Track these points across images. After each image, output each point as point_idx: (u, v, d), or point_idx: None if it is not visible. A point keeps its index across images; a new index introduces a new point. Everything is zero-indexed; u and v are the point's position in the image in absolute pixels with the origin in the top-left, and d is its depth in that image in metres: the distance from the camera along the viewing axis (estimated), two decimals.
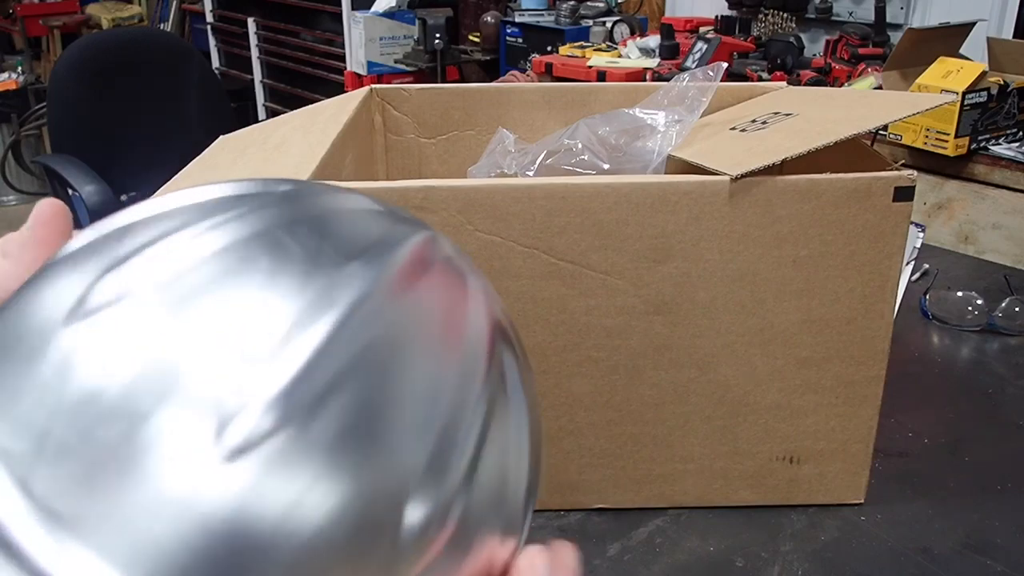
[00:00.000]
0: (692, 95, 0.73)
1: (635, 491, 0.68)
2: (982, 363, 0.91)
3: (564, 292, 0.61)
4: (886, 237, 0.60)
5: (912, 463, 0.75)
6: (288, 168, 0.62)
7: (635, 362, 0.63)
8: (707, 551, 0.65)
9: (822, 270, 0.61)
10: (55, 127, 2.21)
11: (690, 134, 0.71)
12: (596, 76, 2.17)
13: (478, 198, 0.58)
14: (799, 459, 0.67)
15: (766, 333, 0.63)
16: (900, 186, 0.58)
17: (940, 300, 0.99)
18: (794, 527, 0.67)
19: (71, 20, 4.31)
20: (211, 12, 3.98)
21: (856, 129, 0.59)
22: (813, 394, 0.65)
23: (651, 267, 0.60)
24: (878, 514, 0.68)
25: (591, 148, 0.70)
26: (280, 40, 3.63)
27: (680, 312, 0.62)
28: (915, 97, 0.71)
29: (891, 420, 0.79)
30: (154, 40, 2.55)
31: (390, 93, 0.85)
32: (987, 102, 1.66)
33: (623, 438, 0.66)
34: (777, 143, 0.62)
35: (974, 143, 1.68)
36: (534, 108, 0.85)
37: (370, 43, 3.00)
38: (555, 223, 0.59)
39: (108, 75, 2.24)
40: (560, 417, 0.65)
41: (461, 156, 0.85)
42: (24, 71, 4.07)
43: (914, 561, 0.64)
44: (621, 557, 0.64)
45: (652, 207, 0.59)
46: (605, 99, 0.83)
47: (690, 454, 0.67)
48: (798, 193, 0.58)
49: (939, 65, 1.68)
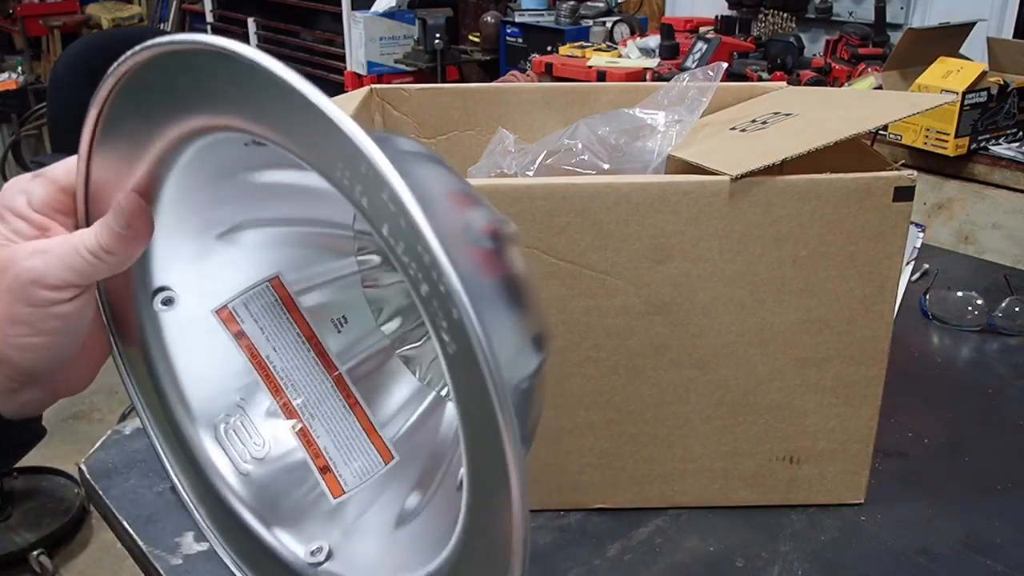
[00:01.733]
0: (692, 95, 0.73)
1: (635, 491, 0.68)
2: (982, 363, 0.91)
3: (564, 292, 0.61)
4: (886, 237, 0.60)
5: (912, 463, 0.75)
6: None
7: (635, 362, 0.63)
8: (707, 551, 0.65)
9: (822, 270, 0.61)
10: (55, 127, 2.21)
11: (690, 134, 0.71)
12: (596, 76, 2.17)
13: None
14: (799, 459, 0.67)
15: (766, 333, 0.63)
16: (900, 186, 0.58)
17: (940, 300, 0.99)
18: (794, 527, 0.67)
19: (71, 20, 4.31)
20: (211, 12, 3.99)
21: (856, 129, 0.59)
22: (813, 394, 0.65)
23: (651, 267, 0.60)
24: (878, 514, 0.68)
25: (591, 148, 0.70)
26: (280, 40, 3.63)
27: (680, 312, 0.62)
28: (915, 97, 0.71)
29: (891, 420, 0.79)
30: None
31: (390, 93, 0.85)
32: (987, 102, 1.66)
33: (623, 438, 0.66)
34: (777, 143, 0.62)
35: (974, 143, 1.68)
36: (534, 108, 0.85)
37: (370, 43, 3.00)
38: (555, 223, 0.59)
39: None
40: (560, 417, 0.65)
41: (461, 156, 0.85)
42: (24, 71, 4.07)
43: (914, 561, 0.64)
44: (621, 557, 0.64)
45: (652, 207, 0.59)
46: (605, 99, 0.83)
47: (690, 454, 0.67)
48: (798, 193, 0.58)
49: (939, 65, 1.68)
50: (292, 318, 0.46)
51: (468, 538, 0.35)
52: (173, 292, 0.44)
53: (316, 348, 0.47)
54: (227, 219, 0.44)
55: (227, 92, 0.34)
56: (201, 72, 0.34)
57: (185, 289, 0.44)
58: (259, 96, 0.33)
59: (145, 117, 0.38)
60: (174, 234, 0.42)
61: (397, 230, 0.30)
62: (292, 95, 0.31)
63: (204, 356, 0.45)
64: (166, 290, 0.44)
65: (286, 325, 0.46)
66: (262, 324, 0.45)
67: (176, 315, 0.44)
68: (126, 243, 0.39)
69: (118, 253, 0.39)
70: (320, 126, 0.31)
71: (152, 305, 0.44)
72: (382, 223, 0.31)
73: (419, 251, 0.30)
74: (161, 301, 0.44)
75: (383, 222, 0.31)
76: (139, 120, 0.38)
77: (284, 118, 0.33)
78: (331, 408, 0.46)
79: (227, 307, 0.45)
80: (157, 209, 0.41)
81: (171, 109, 0.36)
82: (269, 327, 0.46)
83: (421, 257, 0.30)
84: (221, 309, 0.45)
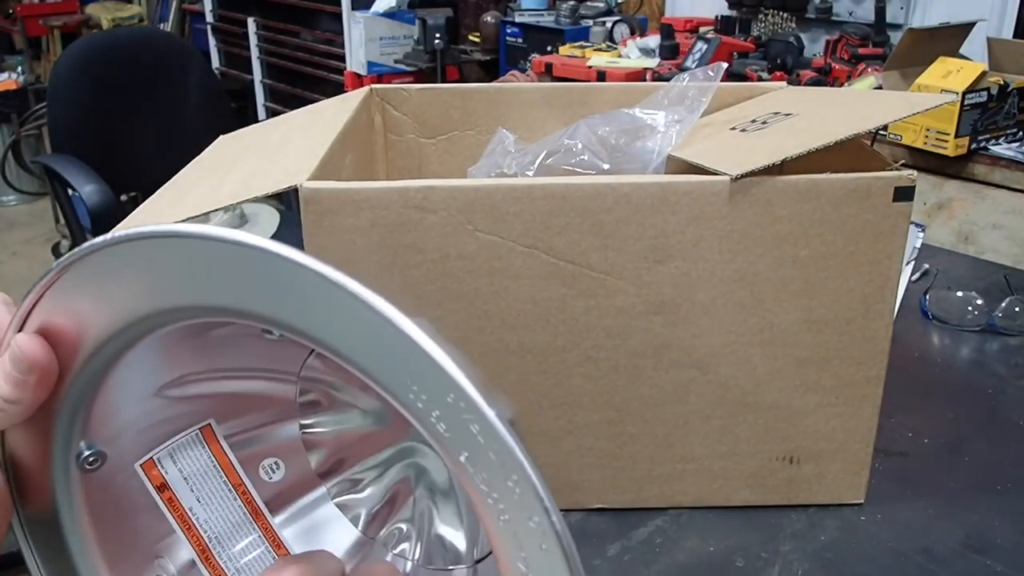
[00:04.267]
0: (692, 95, 0.73)
1: (635, 491, 0.68)
2: (982, 363, 0.91)
3: (564, 292, 0.61)
4: (886, 237, 0.60)
5: (912, 463, 0.75)
6: (288, 168, 0.62)
7: (635, 362, 0.63)
8: (707, 551, 0.65)
9: (822, 270, 0.61)
10: (55, 127, 2.21)
11: (690, 134, 0.71)
12: (596, 76, 2.17)
13: (478, 198, 0.58)
14: (799, 459, 0.67)
15: (766, 333, 0.63)
16: (900, 186, 0.58)
17: (940, 300, 0.99)
18: (794, 527, 0.67)
19: (71, 20, 4.31)
20: (211, 12, 3.98)
21: (856, 129, 0.59)
22: (813, 394, 0.65)
23: (651, 267, 0.60)
24: (878, 514, 0.68)
25: (591, 148, 0.70)
26: (280, 40, 3.63)
27: (680, 312, 0.62)
28: (915, 97, 0.71)
29: (891, 420, 0.79)
30: (154, 40, 2.55)
31: (390, 93, 0.85)
32: (987, 102, 1.66)
33: (623, 438, 0.66)
34: (777, 143, 0.62)
35: (974, 143, 1.68)
36: (534, 108, 0.85)
37: (370, 43, 3.00)
38: (555, 223, 0.59)
39: (108, 75, 2.24)
40: (560, 417, 0.65)
41: (461, 156, 0.85)
42: (24, 71, 4.07)
43: (914, 561, 0.64)
44: (621, 557, 0.64)
45: (652, 207, 0.59)
46: (605, 99, 0.83)
47: (690, 454, 0.67)
48: (798, 193, 0.58)
49: (939, 65, 1.68)
50: (219, 465, 0.44)
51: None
52: (100, 450, 0.39)
53: (244, 497, 0.44)
54: (171, 373, 0.40)
55: (252, 286, 0.31)
56: (219, 265, 0.31)
57: (113, 446, 0.40)
58: (307, 300, 0.30)
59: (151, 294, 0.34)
60: (107, 387, 0.38)
61: (481, 459, 0.29)
62: (359, 306, 0.28)
63: (124, 514, 0.41)
64: (92, 448, 0.39)
65: (212, 474, 0.43)
66: (187, 474, 0.42)
67: (100, 475, 0.40)
68: (28, 390, 0.34)
69: (20, 401, 0.35)
70: (391, 342, 0.28)
71: (73, 465, 0.39)
72: (460, 451, 0.29)
73: (510, 487, 0.29)
74: (86, 461, 0.39)
75: (462, 450, 0.29)
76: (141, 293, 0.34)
77: (340, 327, 0.30)
78: (258, 559, 0.44)
79: (152, 458, 0.41)
80: (107, 374, 0.37)
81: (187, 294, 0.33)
82: (195, 477, 0.43)
83: (512, 493, 0.29)
84: (146, 461, 0.41)
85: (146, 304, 0.33)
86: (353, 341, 0.30)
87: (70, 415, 0.37)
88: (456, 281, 0.60)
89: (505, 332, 0.62)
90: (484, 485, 0.29)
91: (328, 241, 0.59)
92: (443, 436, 0.29)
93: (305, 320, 0.30)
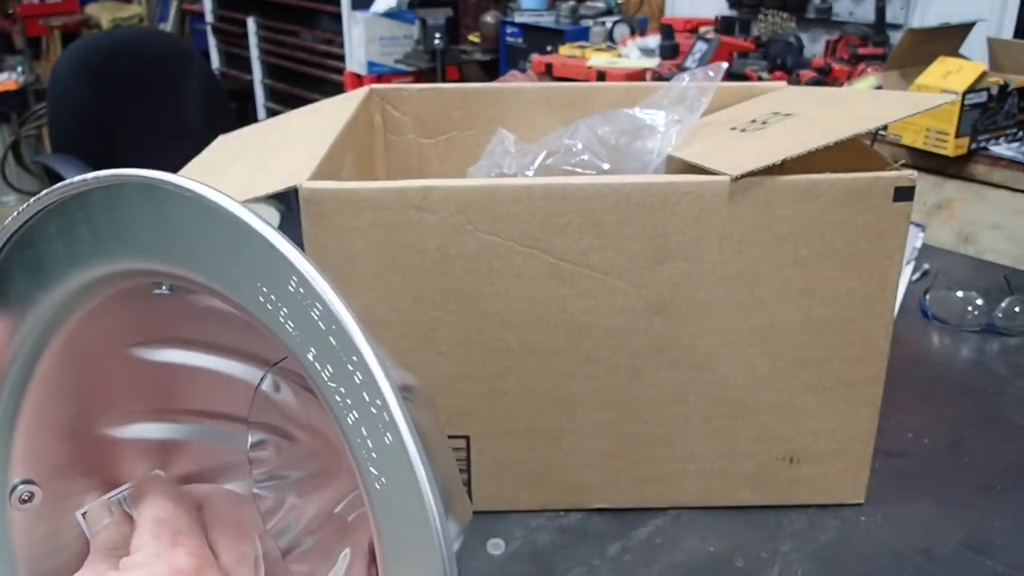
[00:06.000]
0: (692, 95, 0.73)
1: (635, 491, 0.68)
2: (982, 363, 0.91)
3: (564, 292, 0.61)
4: (886, 237, 0.60)
5: (912, 463, 0.75)
6: (287, 168, 0.62)
7: (635, 362, 0.63)
8: (707, 551, 0.65)
9: (822, 270, 0.61)
10: (55, 127, 2.21)
11: (690, 134, 0.71)
12: (596, 76, 2.17)
13: (478, 198, 0.58)
14: (799, 459, 0.67)
15: (766, 333, 0.63)
16: (900, 186, 0.58)
17: (940, 300, 0.99)
18: (794, 527, 0.67)
19: (71, 20, 4.31)
20: (211, 12, 3.98)
21: (856, 129, 0.59)
22: (813, 394, 0.65)
23: (651, 267, 0.60)
24: (878, 514, 0.68)
25: (591, 148, 0.70)
26: (280, 40, 3.63)
27: (680, 312, 0.62)
28: (915, 97, 0.71)
29: (891, 420, 0.79)
30: (154, 40, 2.55)
31: (390, 93, 0.85)
32: (987, 102, 1.66)
33: (623, 438, 0.66)
34: (777, 143, 0.62)
35: (974, 143, 1.68)
36: (534, 108, 0.85)
37: (370, 43, 3.00)
38: (555, 223, 0.59)
39: (108, 75, 2.24)
40: (560, 417, 0.65)
41: (461, 156, 0.85)
42: (24, 71, 4.07)
43: (914, 561, 0.64)
44: (621, 557, 0.64)
45: (652, 207, 0.59)
46: (605, 99, 0.83)
47: (690, 454, 0.67)
48: (798, 193, 0.58)
49: (939, 65, 1.68)
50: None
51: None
52: (34, 487, 0.38)
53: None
54: (109, 407, 0.39)
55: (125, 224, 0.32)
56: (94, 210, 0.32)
57: (49, 483, 0.38)
58: (164, 217, 0.30)
59: (35, 273, 0.34)
60: (40, 419, 0.37)
61: (326, 352, 0.28)
62: (200, 205, 0.29)
63: (57, 559, 0.39)
64: (27, 484, 0.38)
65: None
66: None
67: (31, 513, 0.38)
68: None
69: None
70: (238, 240, 0.29)
71: (5, 502, 0.38)
72: (308, 347, 0.29)
73: (350, 370, 0.28)
74: (19, 498, 0.38)
75: (309, 345, 0.29)
76: (29, 277, 0.34)
77: (194, 236, 0.30)
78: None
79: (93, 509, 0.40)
80: (26, 390, 0.36)
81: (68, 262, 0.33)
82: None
83: (352, 378, 0.28)
84: (87, 512, 0.40)
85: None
86: (204, 253, 0.31)
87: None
88: (456, 281, 0.60)
89: (505, 332, 0.62)
90: (332, 381, 0.29)
91: (328, 241, 0.59)
92: (293, 337, 0.29)
93: (160, 247, 0.32)
